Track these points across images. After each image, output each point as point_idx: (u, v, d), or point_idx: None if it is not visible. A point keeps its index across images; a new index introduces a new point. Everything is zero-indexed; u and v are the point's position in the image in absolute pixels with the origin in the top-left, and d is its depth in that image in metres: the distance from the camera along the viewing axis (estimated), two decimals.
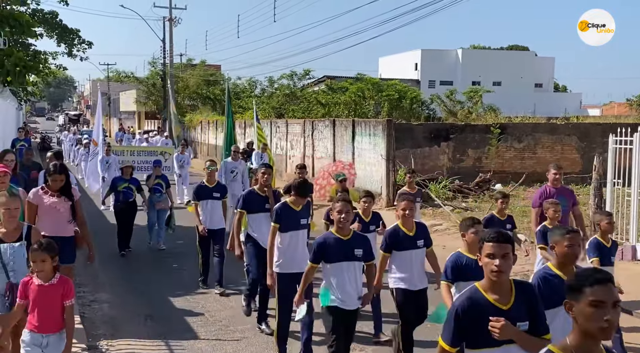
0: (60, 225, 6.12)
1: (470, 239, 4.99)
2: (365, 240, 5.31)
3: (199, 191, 8.74)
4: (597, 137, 18.73)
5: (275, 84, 36.50)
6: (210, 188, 8.74)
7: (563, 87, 71.13)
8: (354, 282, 5.19)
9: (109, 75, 63.34)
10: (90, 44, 33.02)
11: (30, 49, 24.14)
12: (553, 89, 61.93)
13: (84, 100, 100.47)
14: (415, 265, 5.88)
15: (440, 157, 18.39)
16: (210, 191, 8.71)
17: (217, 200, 8.72)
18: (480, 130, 19.05)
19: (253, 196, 7.14)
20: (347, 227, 5.16)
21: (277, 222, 6.10)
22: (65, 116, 67.08)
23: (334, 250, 5.11)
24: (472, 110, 30.05)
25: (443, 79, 50.27)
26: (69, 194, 6.18)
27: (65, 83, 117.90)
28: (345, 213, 5.06)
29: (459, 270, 4.95)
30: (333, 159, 19.28)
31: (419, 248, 5.89)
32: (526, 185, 16.60)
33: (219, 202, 8.73)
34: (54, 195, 6.12)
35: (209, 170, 8.86)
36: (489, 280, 3.34)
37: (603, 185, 11.06)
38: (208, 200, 8.66)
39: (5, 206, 4.88)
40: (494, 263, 3.26)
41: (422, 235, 5.96)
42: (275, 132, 24.89)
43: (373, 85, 32.65)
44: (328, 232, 5.35)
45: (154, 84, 44.10)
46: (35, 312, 4.43)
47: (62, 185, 6.12)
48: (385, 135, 16.29)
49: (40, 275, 4.42)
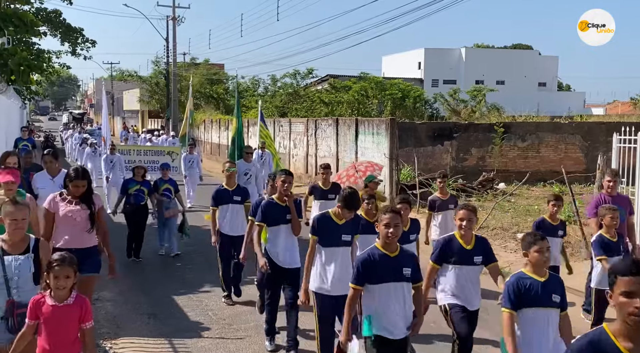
0: (76, 236, 5.57)
1: (534, 259, 4.39)
2: (413, 257, 4.68)
3: (218, 195, 8.00)
4: (601, 136, 18.67)
5: (278, 83, 36.55)
6: (230, 191, 8.02)
7: (567, 86, 71.02)
8: (403, 306, 4.48)
9: (113, 74, 63.47)
10: (94, 42, 33.03)
11: (34, 48, 24.18)
12: (557, 87, 61.81)
13: (88, 99, 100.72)
14: (467, 284, 5.23)
15: (443, 156, 18.37)
16: (230, 195, 8.00)
17: (239, 205, 7.99)
18: (483, 129, 19.02)
19: (272, 207, 6.26)
20: (395, 242, 4.49)
21: (314, 233, 5.48)
22: (69, 115, 67.16)
23: (380, 269, 4.43)
24: (476, 109, 30.02)
25: (446, 78, 50.23)
26: (89, 202, 5.63)
27: (68, 82, 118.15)
28: (394, 228, 4.41)
29: (523, 295, 4.32)
30: (336, 158, 19.28)
31: (475, 265, 5.20)
32: (529, 184, 16.57)
33: (240, 206, 7.98)
34: (72, 203, 5.57)
35: (228, 172, 8.06)
36: (623, 324, 2.62)
37: None
38: (229, 205, 7.96)
39: (11, 217, 4.42)
40: (635, 305, 2.56)
41: (482, 250, 5.23)
42: (279, 131, 24.90)
43: (376, 84, 32.64)
44: (372, 246, 4.56)
45: (157, 83, 44.18)
46: (47, 335, 3.93)
47: (83, 192, 5.60)
48: (389, 134, 16.28)
49: (57, 294, 3.93)
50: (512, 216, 13.59)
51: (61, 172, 7.04)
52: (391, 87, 32.52)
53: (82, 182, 5.58)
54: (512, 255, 10.66)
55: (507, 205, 14.81)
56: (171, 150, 20.14)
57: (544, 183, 17.64)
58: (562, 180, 13.47)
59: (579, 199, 13.10)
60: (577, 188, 15.99)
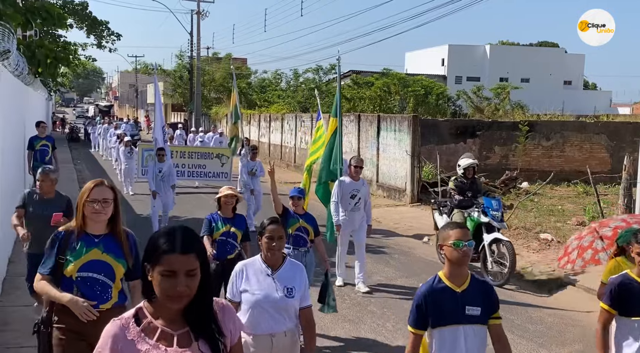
0: None
1: None
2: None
3: None
4: (627, 136, 18.40)
5: (300, 78, 36.52)
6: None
7: (593, 84, 70.01)
8: None
9: (137, 68, 64.05)
10: (119, 35, 33.47)
11: (61, 41, 24.49)
12: (582, 86, 60.95)
13: (112, 92, 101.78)
14: None
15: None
16: None
17: None
18: (507, 127, 18.84)
19: None
20: None
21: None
22: (95, 107, 67.54)
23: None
24: (500, 107, 29.68)
25: (470, 75, 49.77)
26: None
27: (93, 74, 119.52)
28: None
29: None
30: (358, 153, 19.24)
31: None
32: (553, 183, 16.38)
33: None
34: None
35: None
36: None
37: (633, 185, 10.85)
38: None
39: None
40: None
41: None
42: (300, 126, 24.92)
43: (399, 80, 32.44)
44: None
45: (180, 76, 44.45)
46: None
47: None
48: (411, 131, 16.19)
49: None
50: (535, 216, 13.45)
51: None
52: (414, 84, 32.31)
53: None
54: (535, 256, 10.54)
55: (530, 205, 14.66)
56: (220, 153, 16.92)
57: (568, 183, 17.42)
58: (587, 180, 13.29)
59: (604, 200, 12.91)
60: (602, 188, 15.77)
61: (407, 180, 16.29)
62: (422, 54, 56.71)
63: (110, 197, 3.71)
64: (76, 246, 3.68)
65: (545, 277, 9.33)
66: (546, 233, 11.60)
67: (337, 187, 8.64)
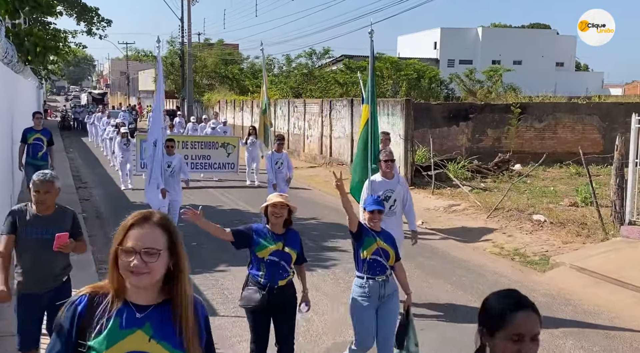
0: None
1: None
2: None
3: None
4: (619, 117, 18.47)
5: (293, 63, 36.34)
6: None
7: (584, 66, 69.98)
8: None
9: (128, 54, 63.56)
10: (109, 22, 33.18)
11: (50, 28, 24.27)
12: (574, 68, 60.96)
13: (104, 79, 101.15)
14: None
15: (459, 137, 18.27)
16: None
17: None
18: (500, 110, 18.88)
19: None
20: None
21: None
22: (88, 95, 66.52)
23: None
24: (492, 90, 29.72)
25: (462, 58, 49.69)
26: None
27: (84, 62, 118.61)
28: None
29: None
30: (351, 139, 19.24)
31: None
32: (546, 165, 16.45)
33: None
34: None
35: None
36: None
37: (625, 165, 10.91)
38: None
39: None
40: None
41: None
42: (293, 111, 24.86)
43: (391, 64, 32.36)
44: None
45: (172, 63, 44.17)
46: None
47: None
48: (404, 115, 16.20)
49: None
50: (528, 198, 13.52)
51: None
52: (406, 68, 32.24)
53: None
54: (528, 237, 10.62)
55: (522, 187, 14.73)
56: (226, 142, 15.76)
57: (561, 165, 17.51)
58: (579, 161, 13.35)
59: (596, 180, 12.98)
60: (594, 169, 15.85)
61: (401, 164, 16.31)
62: (414, 37, 56.54)
63: (160, 245, 2.12)
64: (107, 324, 2.12)
65: (538, 258, 9.42)
66: (539, 215, 11.68)
67: (367, 189, 6.93)
